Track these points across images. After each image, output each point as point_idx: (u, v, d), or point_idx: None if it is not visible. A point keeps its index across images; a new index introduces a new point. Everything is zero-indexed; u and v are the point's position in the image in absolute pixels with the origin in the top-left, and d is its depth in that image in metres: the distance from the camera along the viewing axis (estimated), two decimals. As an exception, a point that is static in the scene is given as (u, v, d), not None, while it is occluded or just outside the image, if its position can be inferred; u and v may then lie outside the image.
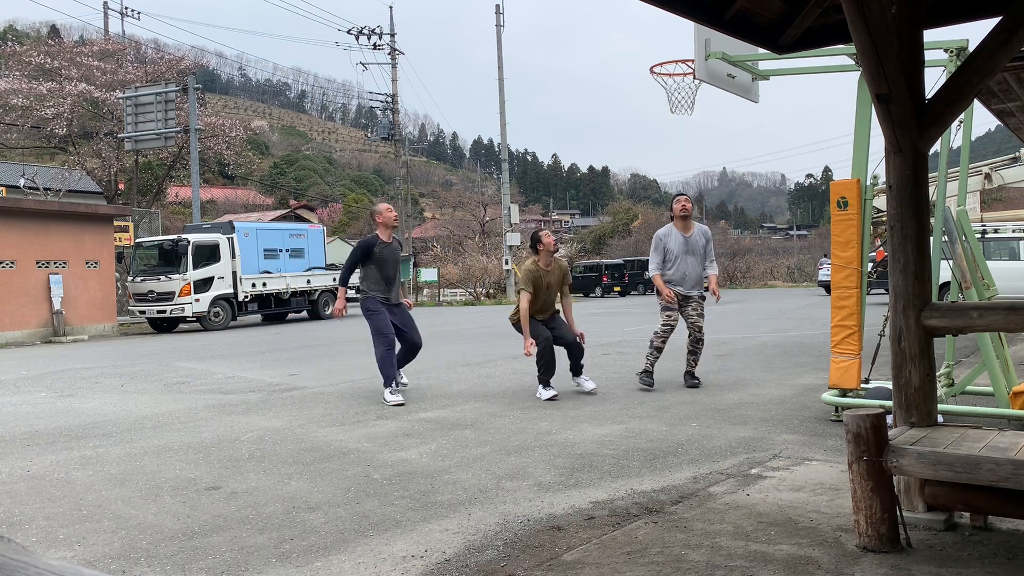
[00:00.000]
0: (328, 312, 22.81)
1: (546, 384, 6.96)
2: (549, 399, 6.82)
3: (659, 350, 7.42)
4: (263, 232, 22.35)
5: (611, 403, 6.61)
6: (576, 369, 7.28)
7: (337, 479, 4.41)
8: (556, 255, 7.36)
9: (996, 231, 14.72)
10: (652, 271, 7.52)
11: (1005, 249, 14.19)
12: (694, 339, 7.43)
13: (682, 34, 6.46)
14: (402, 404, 6.80)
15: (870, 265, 5.61)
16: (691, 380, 7.40)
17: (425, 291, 34.08)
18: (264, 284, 20.85)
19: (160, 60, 32.49)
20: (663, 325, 7.40)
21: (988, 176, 9.05)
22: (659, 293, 7.45)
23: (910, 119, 3.29)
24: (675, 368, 8.18)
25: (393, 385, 7.02)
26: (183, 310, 18.96)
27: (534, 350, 6.87)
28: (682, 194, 7.71)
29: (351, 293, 22.35)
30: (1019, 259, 13.88)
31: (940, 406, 4.48)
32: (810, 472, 4.23)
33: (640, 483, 4.12)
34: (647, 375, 7.33)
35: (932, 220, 5.14)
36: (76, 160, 28.58)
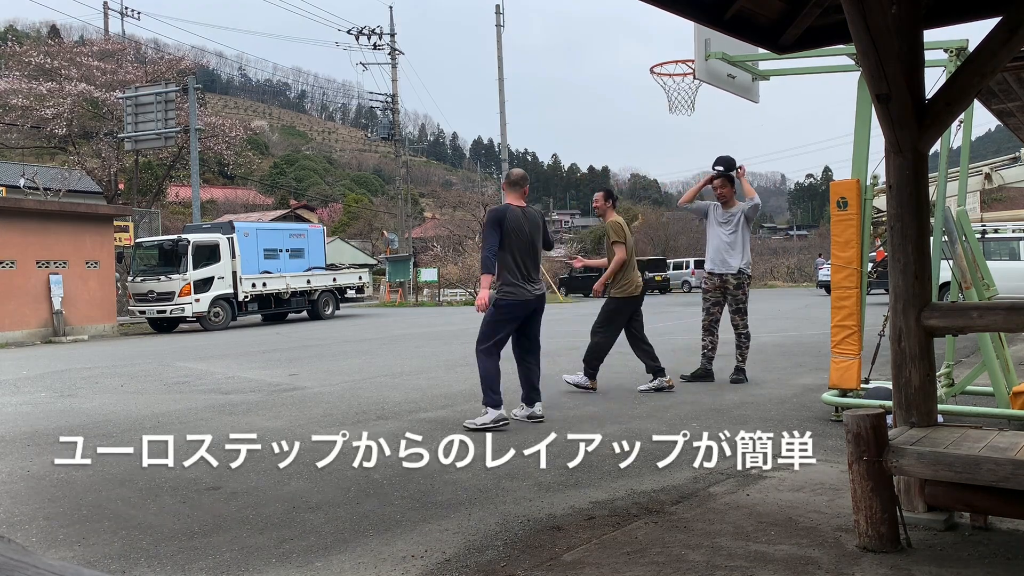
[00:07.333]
0: (329, 312, 22.79)
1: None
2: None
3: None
4: (263, 232, 22.38)
5: (611, 403, 6.61)
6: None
7: (337, 479, 4.41)
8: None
9: (996, 231, 14.72)
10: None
11: (1005, 249, 14.20)
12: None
13: (685, 39, 6.45)
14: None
15: (870, 265, 5.60)
16: (734, 375, 7.58)
17: (425, 291, 34.06)
18: (264, 284, 20.85)
19: (160, 60, 32.47)
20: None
21: (988, 176, 9.06)
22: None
23: (910, 119, 3.29)
24: (674, 369, 8.17)
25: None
26: (183, 310, 18.96)
27: None
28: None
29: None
30: (1019, 259, 13.88)
31: (940, 406, 4.47)
32: (810, 472, 4.22)
33: (640, 483, 4.12)
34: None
35: (932, 220, 5.14)
36: (76, 160, 28.54)
